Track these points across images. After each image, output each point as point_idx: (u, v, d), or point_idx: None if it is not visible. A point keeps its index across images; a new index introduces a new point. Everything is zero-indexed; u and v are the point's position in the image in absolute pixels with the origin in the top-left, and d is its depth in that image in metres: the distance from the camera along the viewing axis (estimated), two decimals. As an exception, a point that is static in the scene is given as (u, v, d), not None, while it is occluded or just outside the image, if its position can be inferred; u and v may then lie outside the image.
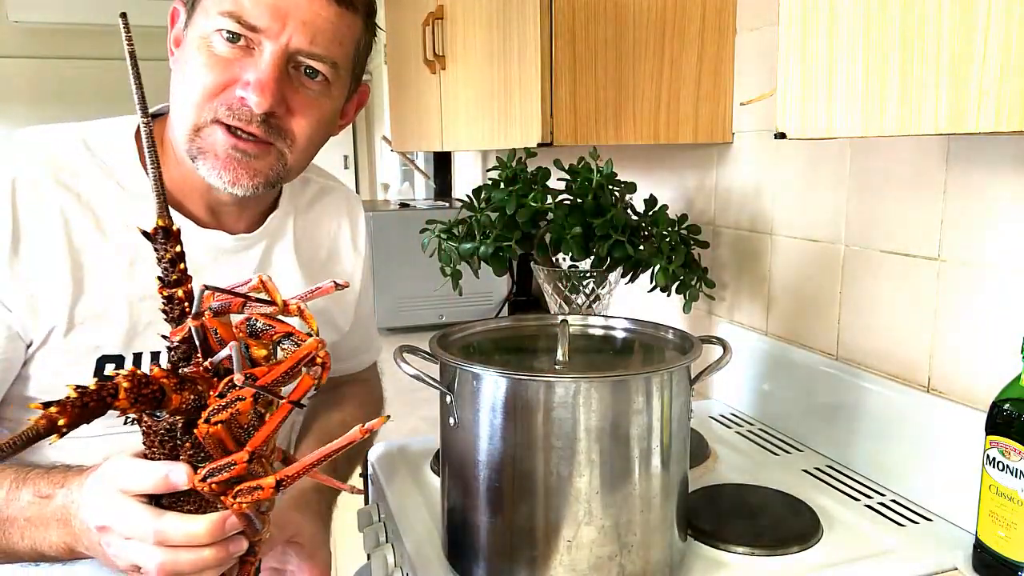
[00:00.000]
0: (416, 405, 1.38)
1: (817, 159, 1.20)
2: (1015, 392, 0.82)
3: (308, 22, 0.79)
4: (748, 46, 1.31)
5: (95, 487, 0.64)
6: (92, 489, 0.65)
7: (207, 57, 0.80)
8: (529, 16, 1.26)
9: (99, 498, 0.63)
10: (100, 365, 0.84)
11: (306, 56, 0.81)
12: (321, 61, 0.82)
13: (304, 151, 0.86)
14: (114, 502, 0.61)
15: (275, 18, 0.78)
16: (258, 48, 0.79)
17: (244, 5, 0.78)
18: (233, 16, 0.78)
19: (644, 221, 1.30)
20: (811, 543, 0.93)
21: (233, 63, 0.79)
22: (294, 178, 0.92)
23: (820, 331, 1.22)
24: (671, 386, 0.81)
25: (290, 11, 0.78)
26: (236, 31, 0.78)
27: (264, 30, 0.78)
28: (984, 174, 0.94)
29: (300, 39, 0.79)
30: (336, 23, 0.81)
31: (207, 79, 0.80)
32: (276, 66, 0.79)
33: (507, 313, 2.09)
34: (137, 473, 0.60)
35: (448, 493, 0.88)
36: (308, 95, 0.83)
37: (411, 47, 1.81)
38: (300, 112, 0.83)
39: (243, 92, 0.79)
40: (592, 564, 0.79)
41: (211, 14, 0.79)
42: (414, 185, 3.25)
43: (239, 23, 0.78)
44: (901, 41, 0.62)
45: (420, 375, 0.84)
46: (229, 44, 0.79)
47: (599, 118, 1.27)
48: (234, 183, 0.82)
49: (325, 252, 1.04)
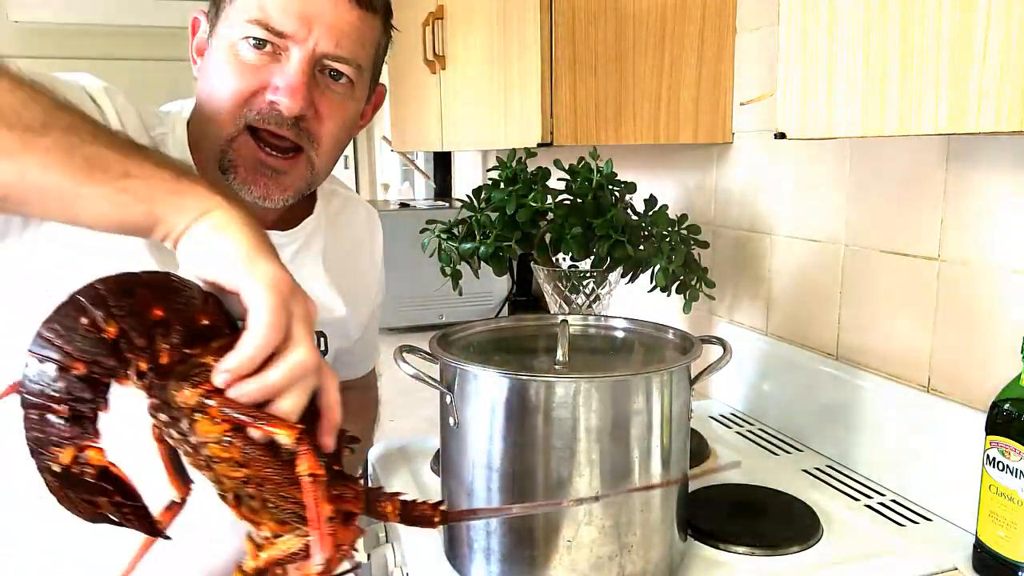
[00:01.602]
0: (416, 405, 1.38)
1: (817, 159, 1.20)
2: (1015, 392, 0.82)
3: (333, 26, 0.80)
4: (748, 46, 1.31)
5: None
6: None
7: (235, 64, 0.81)
8: (529, 16, 1.26)
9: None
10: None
11: (332, 59, 0.82)
12: (346, 64, 0.83)
13: (330, 153, 0.87)
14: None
15: (302, 23, 0.79)
16: (285, 53, 0.80)
17: (271, 12, 0.79)
18: (260, 23, 0.79)
19: (644, 221, 1.30)
20: (811, 543, 0.93)
21: (261, 69, 0.80)
22: (322, 181, 0.93)
23: (820, 331, 1.22)
24: (671, 386, 0.81)
25: (316, 16, 0.80)
26: (263, 37, 0.79)
27: (291, 35, 0.79)
28: (984, 174, 0.94)
29: (326, 43, 0.80)
30: (359, 26, 0.83)
31: (237, 85, 0.81)
32: (304, 70, 0.80)
33: (507, 313, 2.09)
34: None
35: (448, 493, 0.88)
36: (334, 97, 0.84)
37: (411, 47, 1.81)
38: (327, 115, 0.84)
39: (273, 97, 0.80)
40: (592, 564, 0.79)
41: (238, 22, 0.80)
42: (414, 185, 3.25)
43: (267, 29, 0.79)
44: (901, 41, 0.62)
45: (420, 375, 0.84)
46: (256, 50, 0.80)
47: (599, 118, 1.27)
48: (264, 198, 0.83)
49: (349, 264, 1.05)
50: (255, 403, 0.55)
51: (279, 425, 0.53)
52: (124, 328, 0.52)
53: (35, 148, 0.54)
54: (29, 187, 0.54)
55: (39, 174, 0.54)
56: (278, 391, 0.55)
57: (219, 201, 0.59)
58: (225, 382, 0.54)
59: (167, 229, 0.58)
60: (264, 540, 0.59)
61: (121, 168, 0.56)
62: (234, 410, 0.53)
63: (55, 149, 0.55)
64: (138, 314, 0.53)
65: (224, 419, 0.54)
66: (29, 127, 0.54)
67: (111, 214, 0.57)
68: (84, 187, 0.55)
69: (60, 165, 0.55)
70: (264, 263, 0.56)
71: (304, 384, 0.56)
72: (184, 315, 0.55)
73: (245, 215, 0.59)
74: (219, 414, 0.53)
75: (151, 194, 0.57)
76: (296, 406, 0.56)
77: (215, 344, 0.56)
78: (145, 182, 0.57)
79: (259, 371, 0.55)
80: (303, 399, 0.56)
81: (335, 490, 0.57)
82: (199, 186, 0.59)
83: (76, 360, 0.51)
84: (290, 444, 0.53)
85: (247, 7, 0.80)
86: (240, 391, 0.54)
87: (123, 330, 0.52)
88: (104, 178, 0.56)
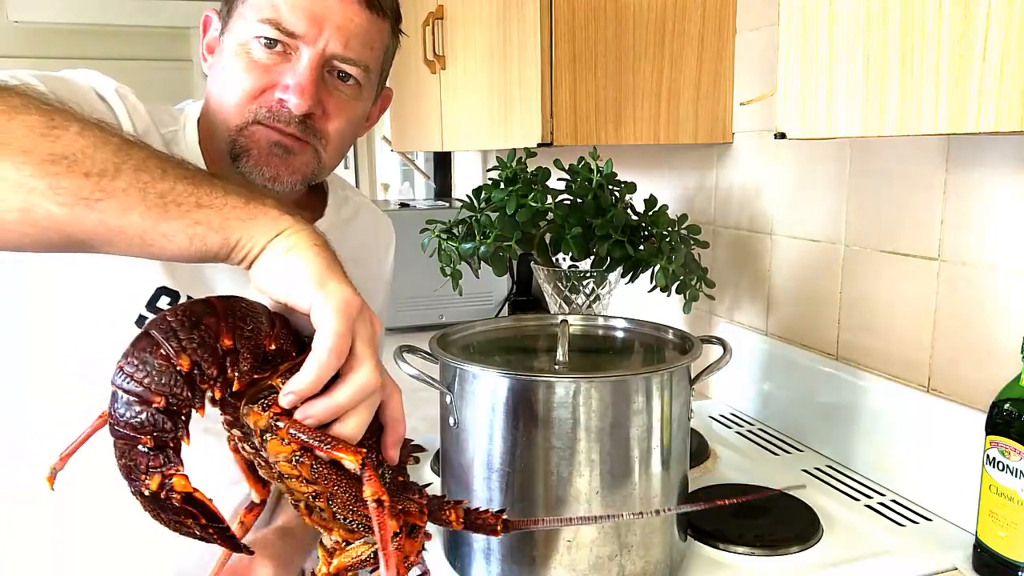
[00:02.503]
0: (416, 405, 1.38)
1: (817, 159, 1.20)
2: (1015, 392, 0.82)
3: (343, 27, 0.82)
4: (748, 46, 1.31)
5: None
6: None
7: (246, 62, 0.82)
8: (529, 16, 1.26)
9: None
10: (156, 295, 0.84)
11: (341, 60, 0.83)
12: (354, 65, 0.84)
13: (337, 150, 0.89)
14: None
15: (312, 24, 0.81)
16: (295, 53, 0.82)
17: (283, 12, 0.80)
18: (272, 23, 0.80)
19: (644, 221, 1.30)
20: (811, 543, 0.93)
21: (272, 68, 0.82)
22: (327, 175, 0.94)
23: (820, 331, 1.22)
24: (671, 386, 0.82)
25: (326, 17, 0.81)
26: (275, 37, 0.81)
27: (302, 36, 0.81)
28: (984, 174, 0.94)
29: (336, 44, 0.82)
30: (368, 28, 0.84)
31: (247, 83, 0.82)
32: (314, 70, 0.82)
33: (507, 313, 2.09)
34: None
35: (448, 493, 0.88)
36: (341, 97, 0.86)
37: (411, 47, 1.81)
38: (334, 114, 0.85)
39: (283, 95, 0.82)
40: (592, 564, 0.79)
41: (250, 21, 0.82)
42: (414, 185, 3.25)
43: (278, 29, 0.81)
44: (901, 41, 0.62)
45: (420, 375, 0.84)
46: (267, 50, 0.82)
47: (599, 118, 1.27)
48: (274, 180, 0.84)
49: (354, 273, 1.04)
50: (321, 423, 0.56)
51: (344, 450, 0.55)
52: (196, 360, 0.54)
53: (112, 192, 0.55)
54: (111, 230, 0.55)
55: (118, 217, 0.55)
56: (343, 411, 0.56)
57: (290, 221, 0.59)
58: (291, 403, 0.56)
59: (242, 254, 0.58)
60: (335, 546, 0.62)
61: (194, 200, 0.57)
62: (301, 432, 0.55)
63: (131, 190, 0.55)
64: (208, 345, 0.55)
65: (292, 440, 0.56)
66: (104, 172, 0.55)
67: (190, 247, 0.57)
68: (162, 224, 0.56)
69: (137, 206, 0.55)
70: (334, 284, 0.57)
71: (368, 403, 0.57)
72: (252, 341, 0.57)
73: (315, 235, 0.60)
74: (287, 435, 0.55)
75: (224, 223, 0.58)
76: (360, 425, 0.57)
77: (283, 367, 0.58)
78: (218, 211, 0.58)
79: (325, 391, 0.56)
80: (367, 418, 0.58)
81: (399, 505, 0.59)
82: (269, 208, 0.60)
83: (155, 394, 0.53)
84: (355, 468, 0.56)
85: (259, 7, 0.81)
86: (306, 412, 0.56)
87: (195, 362, 0.54)
88: (179, 212, 0.56)
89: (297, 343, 0.60)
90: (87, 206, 0.54)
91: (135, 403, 0.53)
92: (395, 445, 0.62)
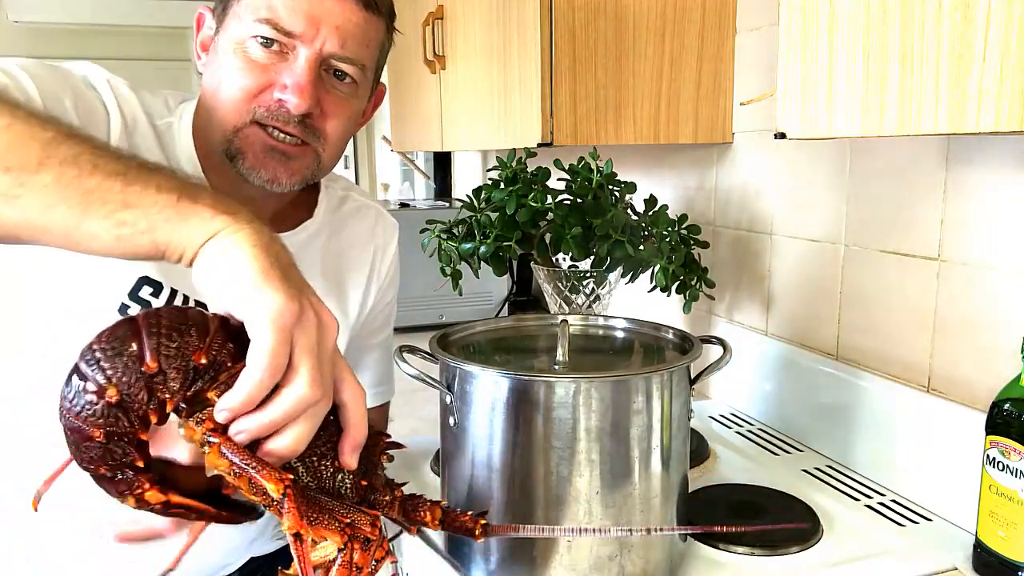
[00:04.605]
0: (416, 405, 1.38)
1: (817, 159, 1.20)
2: (1015, 392, 0.82)
3: (340, 27, 0.82)
4: (748, 46, 1.31)
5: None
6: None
7: (243, 61, 0.82)
8: (529, 16, 1.26)
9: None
10: (139, 284, 0.83)
11: (338, 60, 0.83)
12: (351, 64, 0.84)
13: (335, 149, 0.89)
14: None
15: (310, 24, 0.80)
16: (292, 52, 0.81)
17: (280, 12, 0.80)
18: (270, 23, 0.80)
19: (644, 221, 1.30)
20: (811, 543, 0.93)
21: (269, 67, 0.82)
22: (326, 174, 0.94)
23: (820, 331, 1.22)
24: (671, 386, 0.82)
25: (323, 17, 0.81)
26: (272, 37, 0.81)
27: (299, 35, 0.81)
28: (984, 174, 0.94)
29: (333, 43, 0.82)
30: (364, 27, 0.84)
31: (244, 82, 0.82)
32: (312, 70, 0.81)
33: (507, 313, 2.09)
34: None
35: (448, 493, 0.88)
36: (339, 96, 0.85)
37: (411, 47, 1.81)
38: (332, 113, 0.85)
39: (281, 95, 0.81)
40: (592, 564, 0.79)
41: (246, 20, 0.81)
42: (414, 185, 3.25)
43: (275, 29, 0.80)
44: (901, 41, 0.62)
45: (420, 375, 0.84)
46: (264, 49, 0.81)
47: (599, 118, 1.27)
48: (272, 182, 0.84)
49: (343, 272, 1.04)
50: (255, 438, 0.54)
51: (268, 476, 0.52)
52: (123, 391, 0.53)
53: (33, 188, 0.54)
54: (34, 227, 0.54)
55: (41, 214, 0.54)
56: (277, 426, 0.54)
57: (226, 221, 0.56)
58: (225, 420, 0.54)
59: (176, 256, 0.57)
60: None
61: (120, 199, 0.55)
62: (230, 452, 0.53)
63: (53, 186, 0.54)
64: (133, 370, 0.53)
65: (223, 456, 0.54)
66: (25, 167, 0.54)
67: (117, 246, 0.56)
68: (85, 222, 0.55)
69: (60, 203, 0.54)
70: (269, 292, 0.54)
71: (309, 415, 0.55)
72: (179, 359, 0.55)
73: (256, 235, 0.57)
74: (218, 453, 0.54)
75: (151, 224, 0.56)
76: (297, 439, 0.55)
77: (222, 376, 0.56)
78: (144, 211, 0.55)
79: (261, 406, 0.54)
80: (308, 430, 0.55)
81: (347, 518, 0.56)
82: (202, 207, 0.57)
83: (93, 427, 0.52)
84: (276, 497, 0.52)
85: (256, 6, 0.81)
86: (238, 428, 0.54)
87: (123, 393, 0.53)
88: (103, 211, 0.55)
89: (242, 347, 0.56)
90: (5, 202, 0.53)
91: (78, 438, 0.53)
92: (353, 451, 0.59)
